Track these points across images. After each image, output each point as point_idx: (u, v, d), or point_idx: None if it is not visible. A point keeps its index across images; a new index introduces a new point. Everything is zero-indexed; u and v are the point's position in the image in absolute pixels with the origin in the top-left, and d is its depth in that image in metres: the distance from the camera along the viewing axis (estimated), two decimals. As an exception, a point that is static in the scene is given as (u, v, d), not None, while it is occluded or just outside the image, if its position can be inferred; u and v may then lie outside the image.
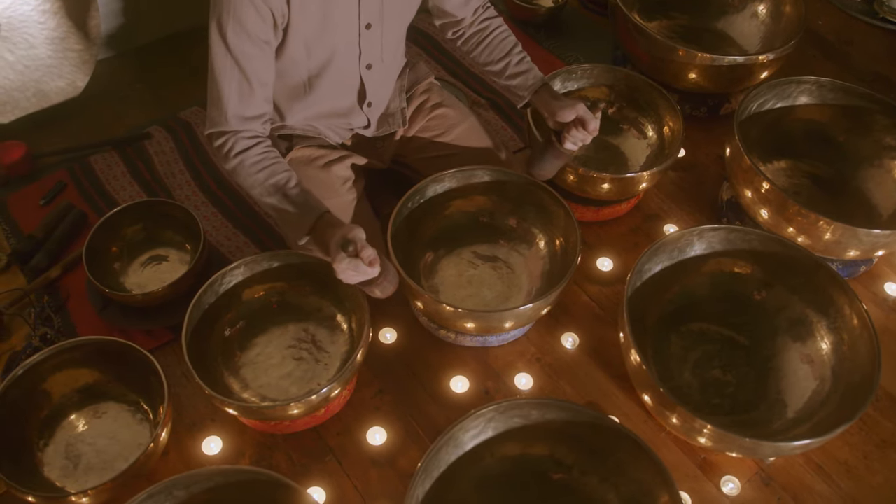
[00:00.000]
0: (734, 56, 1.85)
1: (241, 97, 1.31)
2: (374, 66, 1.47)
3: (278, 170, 1.34)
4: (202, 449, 1.43)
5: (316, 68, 1.41)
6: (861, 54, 2.29)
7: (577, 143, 1.54)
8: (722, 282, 1.57)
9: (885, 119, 1.76)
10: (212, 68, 1.31)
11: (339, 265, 1.23)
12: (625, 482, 1.28)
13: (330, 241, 1.25)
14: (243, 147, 1.33)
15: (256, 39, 1.28)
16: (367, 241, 1.53)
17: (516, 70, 1.59)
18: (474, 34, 1.60)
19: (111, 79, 2.09)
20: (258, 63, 1.31)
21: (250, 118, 1.34)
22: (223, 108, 1.32)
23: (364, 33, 1.39)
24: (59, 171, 1.84)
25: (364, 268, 1.23)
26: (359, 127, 1.59)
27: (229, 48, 1.28)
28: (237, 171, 1.34)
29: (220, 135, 1.34)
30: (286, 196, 1.32)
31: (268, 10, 1.26)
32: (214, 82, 1.31)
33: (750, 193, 1.64)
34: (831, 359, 1.44)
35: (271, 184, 1.32)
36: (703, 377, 1.52)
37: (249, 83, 1.31)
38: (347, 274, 1.24)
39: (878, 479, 1.46)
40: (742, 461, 1.46)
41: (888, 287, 1.73)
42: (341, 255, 1.23)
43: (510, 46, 1.60)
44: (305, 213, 1.30)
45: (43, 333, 1.53)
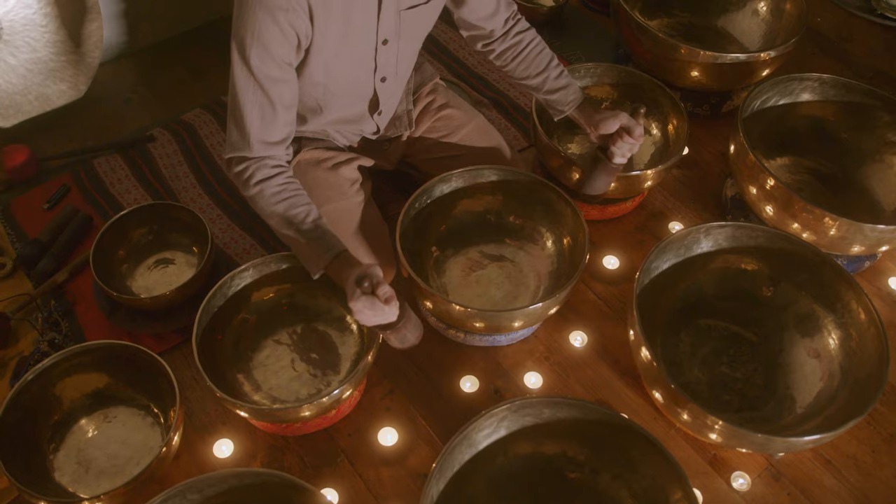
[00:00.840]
0: (736, 54, 1.86)
1: (264, 122, 1.28)
2: (389, 79, 1.46)
3: (298, 202, 1.30)
4: (213, 452, 1.42)
5: (333, 86, 1.40)
6: (860, 51, 2.30)
7: (625, 154, 1.55)
8: (729, 278, 1.57)
9: (888, 115, 1.77)
10: (234, 92, 1.27)
11: (355, 303, 1.20)
12: (637, 479, 1.29)
13: (346, 280, 1.23)
14: (264, 176, 1.30)
15: (281, 62, 1.25)
16: (377, 244, 1.55)
17: (555, 85, 1.57)
18: (507, 49, 1.56)
19: (113, 82, 2.08)
20: (283, 86, 1.28)
21: (274, 143, 1.31)
22: (246, 132, 1.28)
23: (381, 49, 1.38)
24: (63, 175, 1.83)
25: (380, 306, 1.20)
26: (368, 133, 1.59)
27: (252, 72, 1.24)
28: (256, 200, 1.31)
29: (241, 160, 1.30)
30: (304, 230, 1.29)
31: (293, 33, 1.23)
32: (236, 106, 1.27)
33: (755, 190, 1.65)
34: (839, 354, 1.45)
35: (290, 216, 1.29)
36: (712, 373, 1.52)
37: (273, 107, 1.27)
38: (364, 314, 1.21)
39: (887, 472, 1.47)
40: (751, 457, 1.47)
41: (892, 282, 1.74)
42: (357, 292, 1.20)
43: (547, 61, 1.57)
44: (323, 250, 1.28)
45: (51, 338, 1.52)
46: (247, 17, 1.20)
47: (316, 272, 1.31)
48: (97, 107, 2.01)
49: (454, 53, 2.21)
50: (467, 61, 2.19)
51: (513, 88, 2.11)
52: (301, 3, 1.20)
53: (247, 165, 1.30)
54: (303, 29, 1.24)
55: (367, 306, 1.20)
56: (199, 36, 2.22)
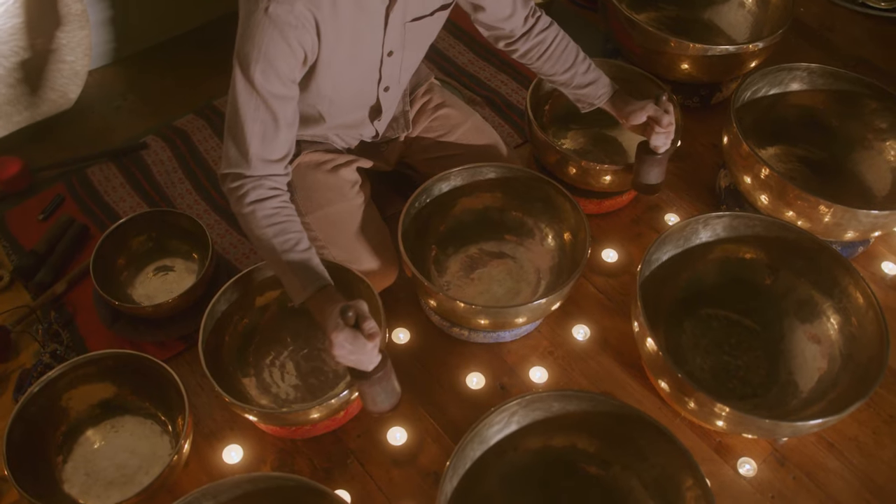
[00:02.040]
0: (726, 46, 1.88)
1: (265, 139, 1.24)
2: (392, 88, 1.47)
3: (290, 228, 1.26)
4: (223, 458, 1.42)
5: (338, 98, 1.40)
6: (843, 40, 2.34)
7: (664, 143, 1.56)
8: (728, 267, 1.59)
9: (875, 102, 1.80)
10: (235, 108, 1.23)
11: (336, 335, 1.14)
12: (647, 468, 1.30)
13: (329, 313, 1.17)
14: (259, 197, 1.25)
15: (286, 79, 1.22)
16: (378, 246, 1.55)
17: (584, 80, 1.58)
18: (532, 49, 1.55)
19: (102, 89, 2.07)
20: (286, 104, 1.25)
21: (274, 161, 1.27)
22: (245, 149, 1.24)
23: (386, 60, 1.38)
24: (57, 185, 1.82)
25: (362, 342, 1.15)
26: (367, 137, 1.60)
27: (256, 88, 1.20)
28: (247, 219, 1.26)
29: (238, 177, 1.26)
30: (292, 258, 1.24)
31: (301, 50, 1.21)
32: (237, 122, 1.23)
33: (749, 180, 1.67)
34: (839, 338, 1.47)
35: (279, 241, 1.24)
36: (715, 362, 1.54)
37: (276, 124, 1.24)
38: (344, 348, 1.15)
39: (888, 453, 1.49)
40: (756, 443, 1.48)
41: (885, 266, 1.77)
42: (340, 323, 1.15)
43: (573, 57, 1.56)
44: (309, 280, 1.23)
45: (53, 349, 1.51)
46: (254, 32, 1.18)
47: (298, 301, 1.25)
48: (88, 115, 1.99)
49: (445, 52, 2.22)
50: (458, 60, 2.20)
51: (505, 85, 2.13)
52: (309, 20, 1.19)
53: (242, 183, 1.25)
54: (309, 45, 1.23)
55: (349, 340, 1.15)
56: (188, 41, 2.21)
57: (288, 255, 1.24)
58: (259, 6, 1.17)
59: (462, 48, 2.23)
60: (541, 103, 1.85)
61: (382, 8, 1.29)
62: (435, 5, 1.38)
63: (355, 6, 1.25)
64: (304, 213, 1.53)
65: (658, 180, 1.63)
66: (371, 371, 1.20)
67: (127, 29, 2.10)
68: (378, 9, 1.29)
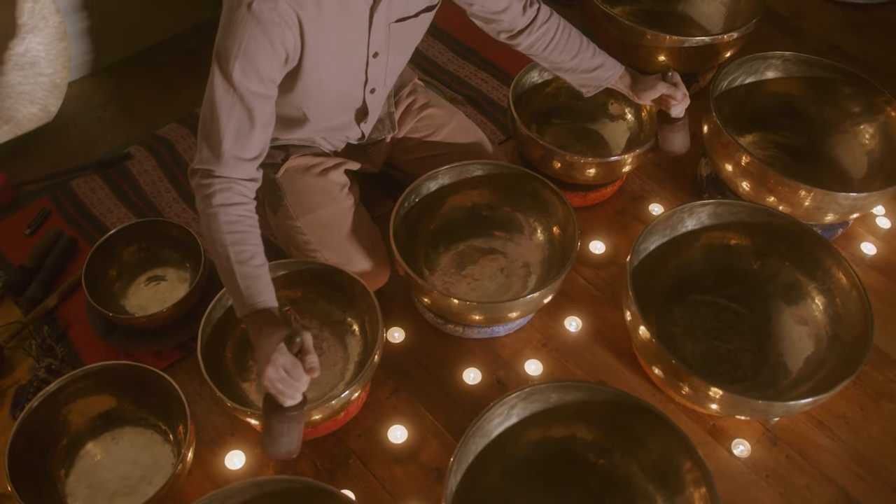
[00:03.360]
0: (701, 37, 1.91)
1: (239, 137, 1.23)
2: (377, 90, 1.48)
3: (249, 240, 1.23)
4: (225, 464, 1.43)
5: (325, 99, 1.40)
6: (814, 27, 2.39)
7: (682, 111, 1.62)
8: (715, 254, 1.63)
9: (848, 87, 1.84)
10: (211, 104, 1.22)
11: (277, 357, 1.12)
12: (645, 454, 1.33)
13: (269, 335, 1.16)
14: (226, 201, 1.23)
15: (265, 78, 1.21)
16: (370, 246, 1.56)
17: (591, 64, 1.59)
18: (536, 42, 1.55)
19: (83, 101, 2.05)
20: (263, 103, 1.23)
21: (246, 160, 1.25)
22: (218, 146, 1.22)
23: (371, 62, 1.39)
24: (42, 199, 1.81)
25: (300, 373, 1.13)
26: (353, 139, 1.61)
27: (233, 84, 1.19)
28: (209, 220, 1.23)
29: (207, 174, 1.23)
30: (244, 270, 1.21)
31: (282, 49, 1.21)
32: (212, 119, 1.22)
33: (730, 167, 1.71)
34: (825, 318, 1.51)
35: (236, 250, 1.21)
36: (706, 347, 1.58)
37: (251, 123, 1.23)
38: (278, 374, 1.12)
39: (876, 428, 1.54)
40: (749, 424, 1.52)
41: (864, 246, 1.81)
42: (283, 348, 1.13)
43: (578, 43, 1.57)
44: (254, 295, 1.21)
45: (48, 364, 1.51)
46: (235, 27, 1.18)
47: (239, 314, 1.23)
48: (69, 127, 1.98)
49: (424, 52, 2.23)
50: (438, 59, 2.21)
51: (485, 83, 2.14)
52: (292, 18, 1.20)
53: (211, 182, 1.23)
54: (291, 44, 1.23)
55: (288, 367, 1.13)
56: (167, 49, 2.20)
57: (241, 266, 1.21)
58: (242, 2, 1.16)
59: (441, 48, 2.25)
60: (522, 99, 1.87)
61: (366, 8, 1.30)
62: (419, 7, 1.40)
63: (339, 6, 1.26)
64: (295, 217, 1.54)
65: (686, 143, 1.69)
66: (288, 407, 1.16)
67: (105, 39, 2.09)
68: (362, 9, 1.30)
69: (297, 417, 1.17)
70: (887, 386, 1.59)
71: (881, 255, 1.81)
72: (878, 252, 1.81)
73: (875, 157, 1.79)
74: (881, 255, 1.81)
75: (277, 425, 1.16)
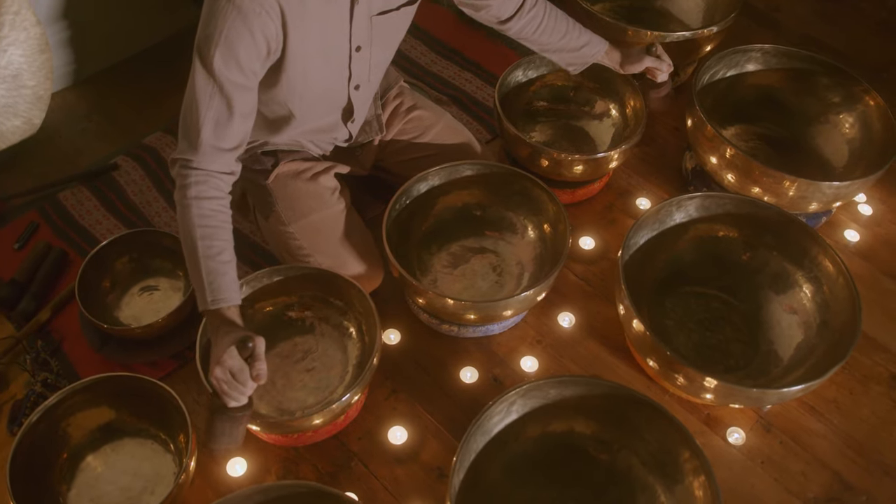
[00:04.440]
0: (682, 32, 1.93)
1: (218, 127, 1.23)
2: (362, 87, 1.48)
3: (218, 235, 1.25)
4: (227, 471, 1.43)
5: (309, 94, 1.40)
6: (790, 19, 2.42)
7: (664, 77, 1.73)
8: (704, 246, 1.65)
9: (827, 78, 1.87)
10: (191, 94, 1.23)
11: (227, 360, 1.15)
12: (643, 445, 1.35)
13: (226, 334, 1.18)
14: (201, 194, 1.24)
15: (246, 68, 1.21)
16: (363, 249, 1.57)
17: (579, 43, 1.65)
18: (526, 25, 1.60)
19: (67, 112, 2.04)
20: (243, 94, 1.24)
21: (225, 150, 1.26)
22: (197, 136, 1.23)
23: (354, 56, 1.39)
24: (30, 213, 1.79)
25: (246, 378, 1.16)
26: (341, 140, 1.61)
27: (214, 74, 1.20)
28: (183, 210, 1.24)
29: (186, 164, 1.25)
30: (210, 265, 1.22)
31: (263, 40, 1.21)
32: (192, 107, 1.23)
33: (715, 160, 1.73)
34: (813, 306, 1.54)
35: (205, 245, 1.23)
36: (698, 338, 1.60)
37: (230, 113, 1.23)
38: (225, 376, 1.15)
39: (865, 411, 1.57)
40: (742, 412, 1.55)
41: (848, 234, 1.85)
42: (234, 352, 1.16)
43: (565, 24, 1.63)
44: (217, 291, 1.22)
45: (44, 378, 1.50)
46: (217, 17, 1.18)
47: (200, 308, 1.24)
48: (54, 139, 1.97)
49: (407, 54, 2.24)
50: (420, 61, 2.22)
51: (469, 83, 2.16)
52: (274, 9, 1.20)
53: (189, 173, 1.24)
54: (273, 35, 1.23)
55: (235, 371, 1.15)
56: (148, 58, 2.19)
57: (208, 261, 1.23)
58: None
59: (424, 49, 2.26)
60: (508, 98, 1.88)
61: (348, 0, 1.31)
62: (401, 0, 1.40)
63: None
64: (287, 223, 1.55)
65: (669, 100, 1.81)
66: (231, 408, 1.18)
67: (86, 49, 2.07)
68: (344, 1, 1.30)
69: (239, 419, 1.19)
70: (875, 369, 1.63)
71: (864, 241, 1.84)
72: (862, 239, 1.84)
73: (855, 145, 1.82)
74: (864, 241, 1.84)
75: (219, 424, 1.19)
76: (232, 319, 1.22)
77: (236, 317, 1.23)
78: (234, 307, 1.24)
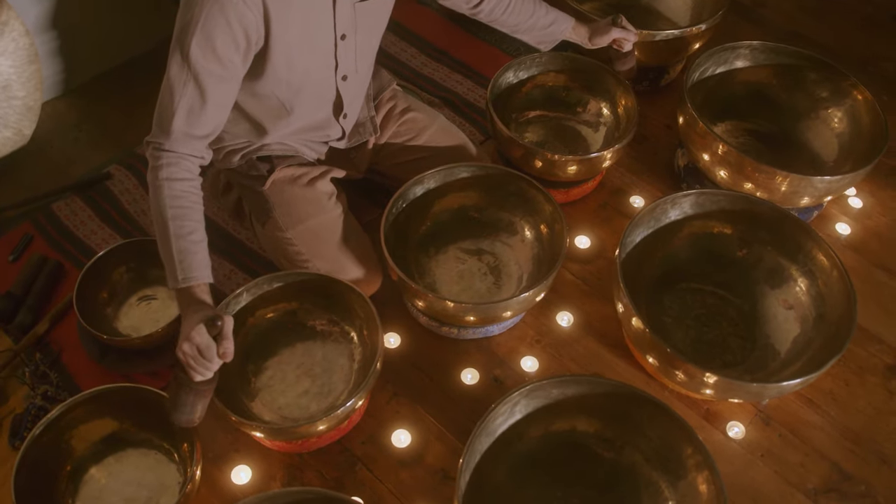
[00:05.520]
0: (671, 30, 1.95)
1: (190, 114, 1.25)
2: (350, 78, 1.48)
3: (189, 216, 1.26)
4: (232, 479, 1.43)
5: (296, 84, 1.40)
6: (776, 15, 2.45)
7: (629, 46, 1.80)
8: (699, 243, 1.67)
9: (814, 73, 1.90)
10: (167, 78, 1.25)
11: (195, 336, 1.17)
12: (646, 442, 1.36)
13: (196, 311, 1.21)
14: (172, 175, 1.26)
15: (223, 58, 1.23)
16: (361, 254, 1.57)
17: (547, 21, 1.72)
18: (494, 7, 1.65)
19: (57, 122, 2.03)
20: (218, 83, 1.25)
21: (197, 137, 1.28)
22: (169, 122, 1.25)
23: (340, 44, 1.40)
24: (24, 225, 1.78)
25: (212, 355, 1.18)
26: (334, 139, 1.61)
27: (189, 61, 1.21)
28: (155, 191, 1.27)
29: (158, 147, 1.27)
30: (181, 245, 1.24)
31: (241, 31, 1.22)
32: (166, 94, 1.25)
33: (707, 157, 1.75)
34: (809, 300, 1.56)
35: (176, 224, 1.25)
36: (696, 334, 1.62)
37: (203, 101, 1.25)
38: (193, 351, 1.18)
39: (861, 402, 1.59)
40: (741, 407, 1.56)
41: (839, 227, 1.87)
42: (203, 329, 1.18)
43: (532, 4, 1.69)
44: (188, 270, 1.24)
45: (44, 391, 1.49)
46: (194, 6, 1.19)
47: (171, 286, 1.26)
48: (45, 150, 1.95)
49: (397, 57, 2.24)
50: (411, 63, 2.23)
51: (460, 85, 2.16)
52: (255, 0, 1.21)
53: (160, 154, 1.27)
54: (252, 25, 1.23)
55: (202, 348, 1.17)
56: (139, 65, 2.18)
57: (179, 240, 1.25)
58: None
59: (414, 52, 2.26)
60: (500, 100, 1.89)
61: None
62: None
63: None
64: (285, 229, 1.55)
65: (634, 64, 1.86)
66: (197, 382, 1.21)
67: (76, 58, 2.06)
68: None
69: (204, 392, 1.23)
70: (869, 361, 1.65)
71: (855, 234, 1.87)
72: (853, 232, 1.87)
73: (844, 139, 1.85)
74: (855, 234, 1.87)
75: (184, 396, 1.22)
76: (202, 298, 1.24)
77: (206, 295, 1.26)
78: (204, 285, 1.26)
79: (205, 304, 1.23)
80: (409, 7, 2.36)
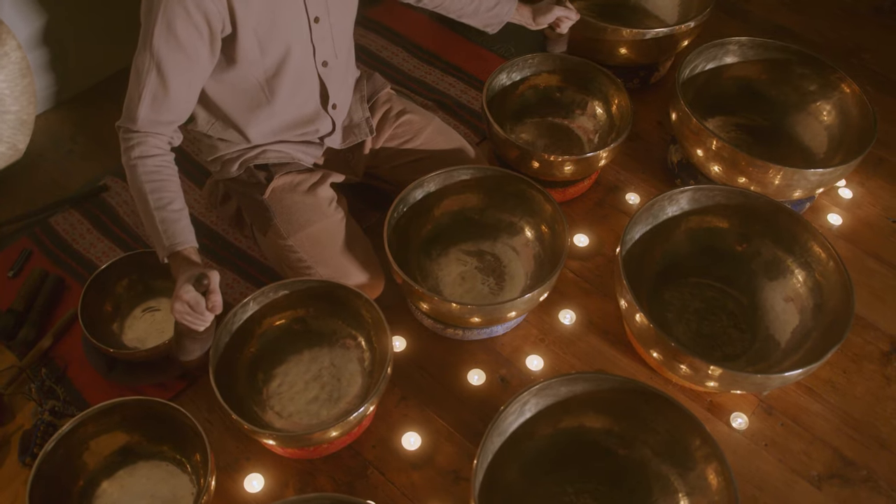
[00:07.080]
0: (660, 28, 1.98)
1: (154, 102, 1.30)
2: (330, 64, 1.49)
3: (165, 188, 1.32)
4: (245, 488, 1.43)
5: (272, 67, 1.42)
6: (759, 10, 2.48)
7: (566, 27, 1.86)
8: (697, 238, 1.69)
9: (802, 67, 1.93)
10: (133, 65, 1.30)
11: (183, 295, 1.24)
12: (654, 436, 1.38)
13: (182, 275, 1.27)
14: (143, 153, 1.32)
15: (188, 49, 1.27)
16: (364, 258, 1.58)
17: (490, 4, 1.75)
18: None
19: (51, 135, 2.01)
20: (181, 72, 1.29)
21: (163, 122, 1.33)
22: (135, 108, 1.31)
23: (314, 27, 1.41)
24: (22, 240, 1.77)
25: (203, 310, 1.25)
26: (325, 133, 1.61)
27: (152, 50, 1.26)
28: (130, 171, 1.33)
29: (128, 129, 1.33)
30: (162, 216, 1.30)
31: (202, 18, 1.25)
32: (133, 79, 1.31)
33: (701, 152, 1.77)
34: (806, 290, 1.59)
35: (154, 198, 1.31)
36: (696, 327, 1.64)
37: (166, 90, 1.30)
38: (185, 308, 1.25)
39: (860, 389, 1.62)
40: (743, 398, 1.59)
41: (831, 217, 1.91)
42: (190, 287, 1.24)
43: None
44: (172, 238, 1.30)
45: (51, 406, 1.48)
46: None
47: (160, 256, 1.32)
48: (40, 164, 1.94)
49: (389, 61, 2.25)
50: (403, 67, 2.23)
51: (453, 87, 2.18)
52: None
53: (130, 136, 1.32)
54: (214, 12, 1.26)
55: (192, 303, 1.24)
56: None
57: (160, 212, 1.30)
58: None
59: (405, 55, 2.27)
60: (495, 101, 1.90)
61: None
62: None
63: None
64: (286, 237, 1.55)
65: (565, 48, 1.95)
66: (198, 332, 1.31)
67: (67, 70, 2.05)
68: None
69: (203, 339, 1.35)
70: (866, 348, 1.68)
71: (847, 224, 1.90)
72: (844, 222, 1.90)
73: (834, 132, 1.88)
74: (847, 224, 1.90)
75: (189, 344, 1.34)
76: (190, 259, 1.30)
77: (194, 256, 1.32)
78: (190, 248, 1.32)
79: (193, 265, 1.29)
80: (397, 10, 2.37)
